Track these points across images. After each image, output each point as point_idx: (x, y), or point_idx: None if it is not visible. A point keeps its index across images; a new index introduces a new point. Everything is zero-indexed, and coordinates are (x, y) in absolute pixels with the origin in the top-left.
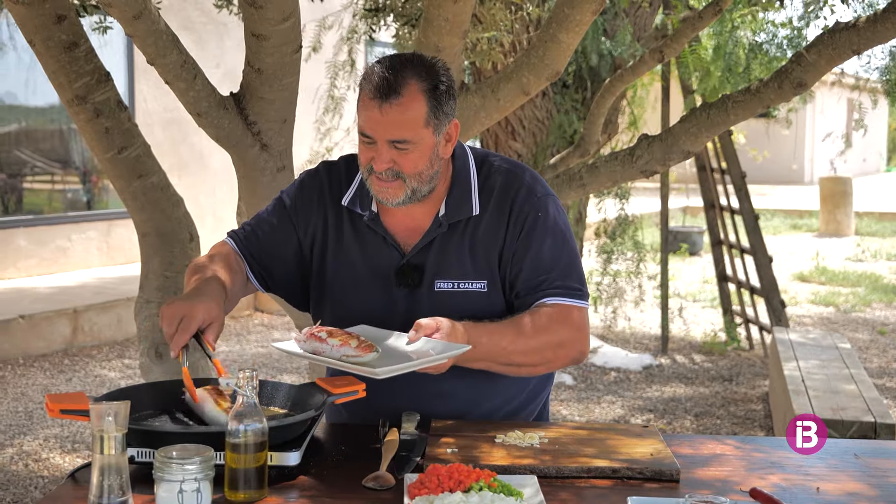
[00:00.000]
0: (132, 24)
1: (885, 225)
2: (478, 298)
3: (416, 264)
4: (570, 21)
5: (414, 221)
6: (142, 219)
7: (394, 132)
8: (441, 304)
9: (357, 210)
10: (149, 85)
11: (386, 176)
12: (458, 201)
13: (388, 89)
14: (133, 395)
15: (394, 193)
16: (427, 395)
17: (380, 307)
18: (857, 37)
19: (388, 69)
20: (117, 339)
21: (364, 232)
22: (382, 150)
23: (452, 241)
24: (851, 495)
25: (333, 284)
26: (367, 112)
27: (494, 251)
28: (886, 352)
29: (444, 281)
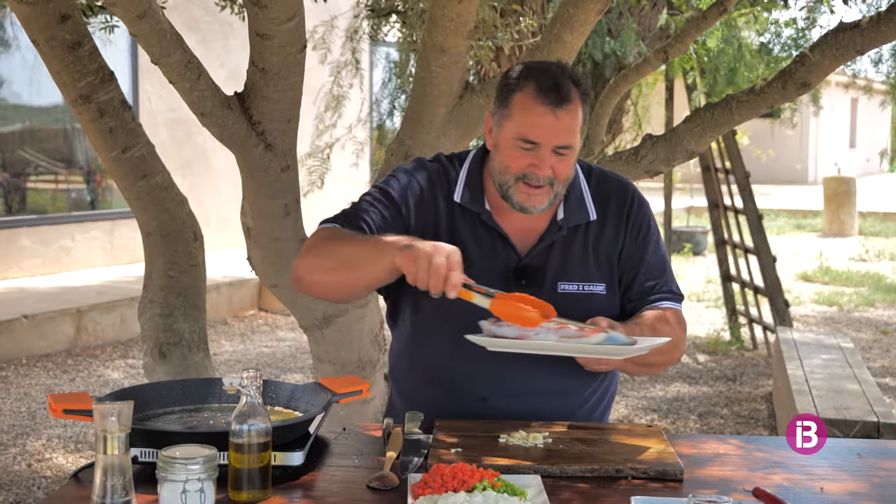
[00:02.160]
0: (136, 23)
1: (888, 225)
2: (600, 301)
3: (537, 265)
4: (575, 21)
5: (528, 223)
6: (145, 219)
7: (564, 138)
8: (565, 305)
9: (470, 207)
10: (153, 84)
11: (542, 182)
12: (576, 206)
13: (562, 96)
14: (137, 395)
15: (540, 200)
16: (548, 392)
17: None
18: (860, 37)
19: (555, 75)
20: (121, 339)
21: (478, 228)
22: (546, 157)
23: (574, 244)
24: (854, 495)
25: None
26: (536, 118)
27: (614, 256)
28: (889, 351)
29: (568, 283)
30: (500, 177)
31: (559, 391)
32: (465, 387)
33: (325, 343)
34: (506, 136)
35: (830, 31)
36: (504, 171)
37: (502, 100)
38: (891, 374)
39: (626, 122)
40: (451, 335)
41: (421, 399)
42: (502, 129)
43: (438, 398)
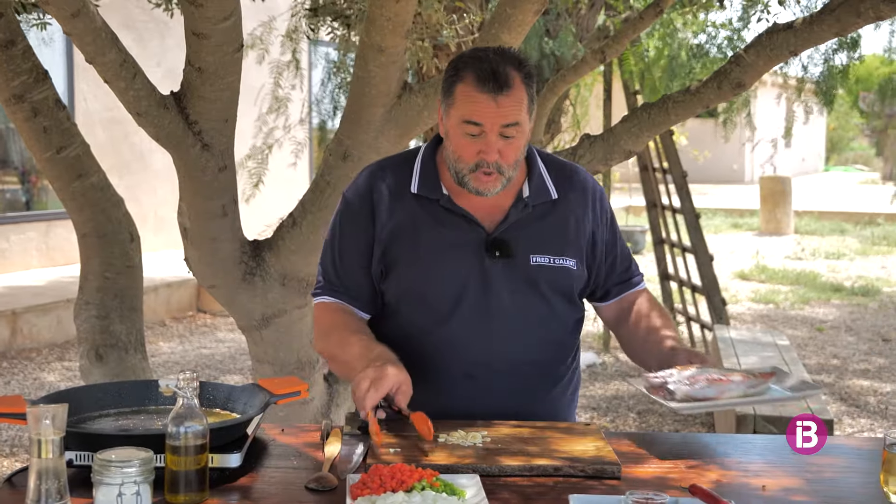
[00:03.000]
0: (70, 22)
1: (823, 224)
2: (570, 275)
3: (507, 238)
4: (513, 21)
5: (491, 202)
6: (81, 219)
7: (507, 118)
8: (539, 277)
9: (428, 195)
10: (89, 84)
11: (491, 168)
12: (539, 185)
13: (502, 81)
14: (72, 397)
15: (494, 185)
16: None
17: (475, 278)
18: (794, 38)
19: (493, 62)
20: (57, 341)
21: (440, 213)
22: (492, 141)
23: (541, 220)
24: (789, 490)
25: (414, 263)
26: (477, 106)
27: (582, 238)
28: (824, 348)
29: (540, 255)
30: (454, 165)
31: (542, 365)
32: (452, 364)
33: (264, 344)
34: (453, 123)
35: (764, 32)
36: (458, 160)
37: (446, 90)
38: (826, 371)
39: (564, 122)
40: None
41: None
42: (449, 118)
43: (425, 382)
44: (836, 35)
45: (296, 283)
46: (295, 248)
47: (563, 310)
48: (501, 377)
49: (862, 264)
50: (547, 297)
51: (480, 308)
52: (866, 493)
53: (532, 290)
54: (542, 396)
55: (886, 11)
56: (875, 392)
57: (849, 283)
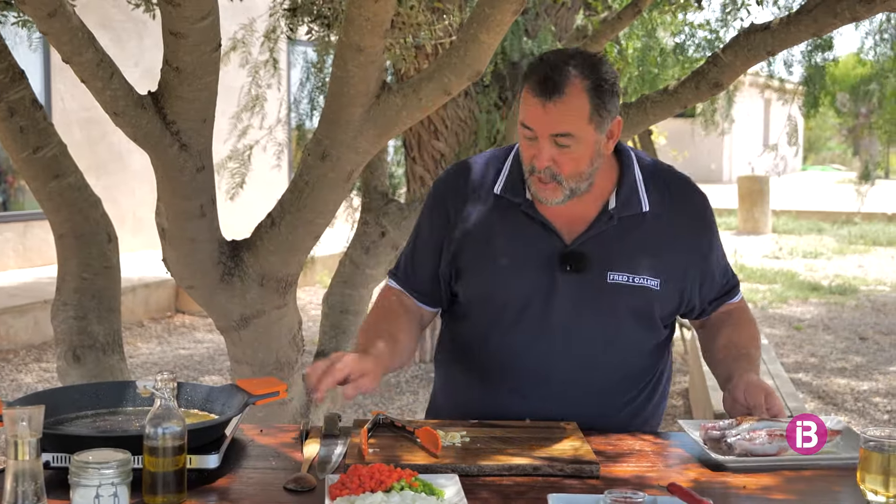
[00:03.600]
0: (46, 21)
1: (801, 223)
2: (651, 295)
3: (584, 252)
4: (491, 21)
5: (574, 212)
6: (58, 220)
7: (556, 126)
8: (614, 296)
9: (511, 198)
10: (66, 84)
11: (545, 176)
12: (628, 196)
13: (551, 88)
14: (49, 399)
15: (552, 194)
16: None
17: (542, 290)
18: (771, 38)
19: (551, 67)
20: (34, 342)
21: (520, 217)
22: (544, 147)
23: (626, 234)
24: (766, 489)
25: (484, 268)
26: (529, 108)
27: (677, 252)
28: (802, 347)
29: (618, 273)
30: (524, 168)
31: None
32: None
33: (243, 344)
34: (519, 127)
35: (742, 32)
36: (523, 163)
37: (519, 93)
38: (803, 370)
39: None
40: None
41: (464, 391)
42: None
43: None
44: (812, 35)
45: (274, 284)
46: (273, 249)
47: (637, 333)
48: (554, 396)
49: (839, 263)
50: (619, 318)
51: (542, 322)
52: (844, 491)
53: (603, 309)
54: (597, 421)
55: (862, 12)
56: (852, 390)
57: (826, 282)
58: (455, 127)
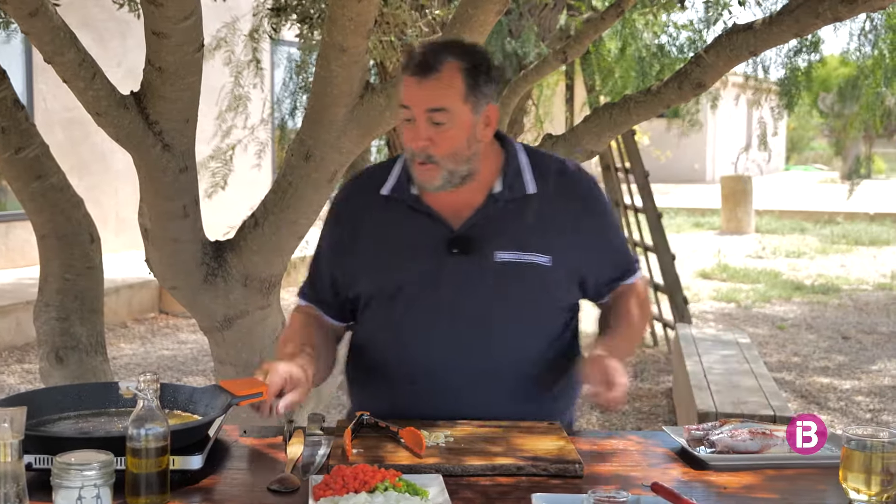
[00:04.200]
0: (28, 21)
1: (784, 223)
2: (541, 272)
3: (471, 235)
4: (474, 21)
5: (461, 200)
6: (40, 221)
7: (431, 101)
8: (504, 275)
9: (397, 197)
10: (48, 84)
11: (421, 157)
12: (514, 180)
13: (426, 66)
14: (31, 400)
15: (430, 177)
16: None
17: (431, 277)
18: (753, 38)
19: (427, 50)
20: (17, 343)
21: (408, 214)
22: (420, 125)
23: (514, 216)
24: (749, 488)
25: (374, 260)
26: (406, 88)
27: (566, 233)
28: (785, 346)
29: (505, 252)
30: (406, 158)
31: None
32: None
33: (226, 345)
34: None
35: (724, 32)
36: (405, 152)
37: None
38: (787, 369)
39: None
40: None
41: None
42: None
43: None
44: (795, 36)
45: (258, 284)
46: (257, 249)
47: (533, 314)
48: (459, 381)
49: (822, 263)
50: (510, 298)
51: (438, 308)
52: (827, 490)
53: (494, 289)
54: (500, 403)
55: (844, 12)
56: (835, 389)
57: (809, 282)
58: None
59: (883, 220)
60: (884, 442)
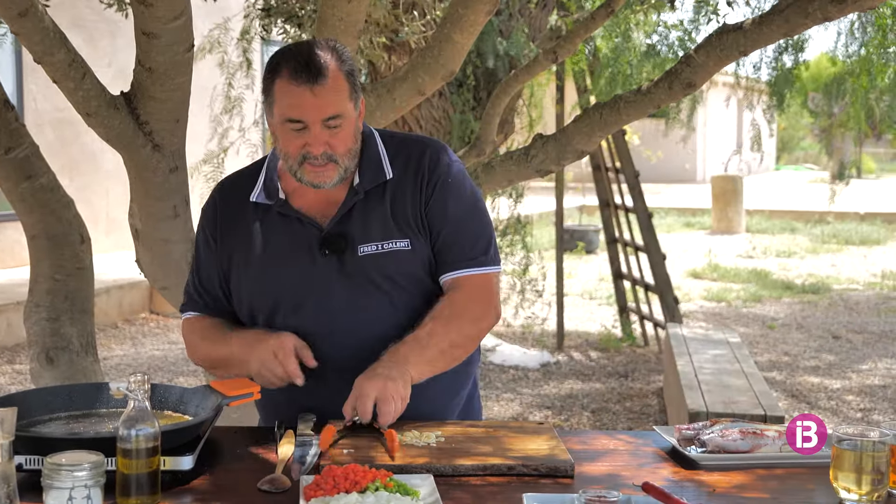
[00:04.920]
0: (17, 21)
1: (774, 222)
2: (403, 257)
3: (339, 232)
4: (465, 21)
5: (326, 196)
6: (31, 221)
7: (328, 109)
8: (369, 267)
9: (265, 201)
10: (38, 84)
11: (321, 160)
12: (371, 169)
13: (315, 72)
14: (22, 401)
15: (328, 176)
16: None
17: (306, 277)
18: (743, 38)
19: (305, 56)
20: (7, 344)
21: (277, 219)
22: (317, 133)
23: (372, 206)
24: (739, 487)
25: (250, 268)
26: (294, 98)
27: (416, 212)
28: (775, 346)
29: (367, 245)
30: (285, 162)
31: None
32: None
33: None
34: (276, 121)
35: (714, 32)
36: (286, 157)
37: (266, 88)
38: (777, 368)
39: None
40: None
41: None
42: (273, 116)
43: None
44: (784, 35)
45: None
46: None
47: (406, 296)
48: (348, 380)
49: (812, 262)
50: (383, 288)
51: (319, 309)
52: (817, 489)
53: (365, 283)
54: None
55: (834, 12)
56: (825, 389)
57: (799, 281)
58: (429, 127)
59: (873, 219)
60: (874, 441)
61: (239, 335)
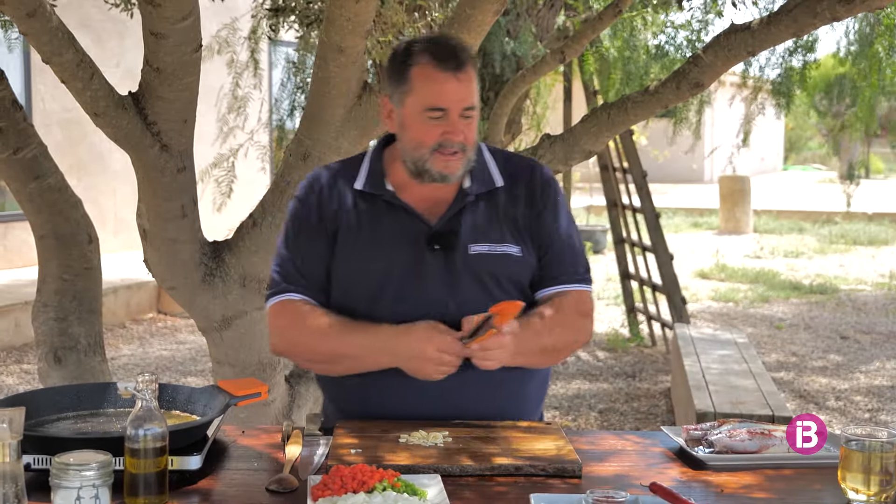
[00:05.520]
0: (26, 21)
1: (781, 223)
2: (513, 262)
3: (448, 230)
4: (472, 21)
5: (434, 195)
6: (39, 221)
7: (469, 99)
8: (478, 266)
9: (371, 191)
10: (46, 84)
11: (456, 148)
12: (481, 175)
13: (460, 60)
14: (30, 400)
15: (456, 166)
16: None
17: (412, 270)
18: (751, 38)
19: (447, 45)
20: (15, 344)
21: (382, 209)
22: (457, 121)
23: (484, 209)
24: (747, 488)
25: (354, 255)
26: (440, 85)
27: (526, 224)
28: (783, 346)
29: (479, 244)
30: (413, 153)
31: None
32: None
33: (225, 345)
34: (411, 111)
35: (722, 32)
36: (418, 147)
37: (398, 78)
38: (784, 369)
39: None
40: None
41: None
42: (405, 105)
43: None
44: (793, 36)
45: (256, 284)
46: (255, 249)
47: (509, 299)
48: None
49: (820, 263)
50: (489, 288)
51: (419, 302)
52: (825, 490)
53: (472, 281)
54: (484, 396)
55: (842, 12)
56: (833, 389)
57: (807, 282)
58: None
59: (881, 219)
60: (882, 442)
61: (384, 326)
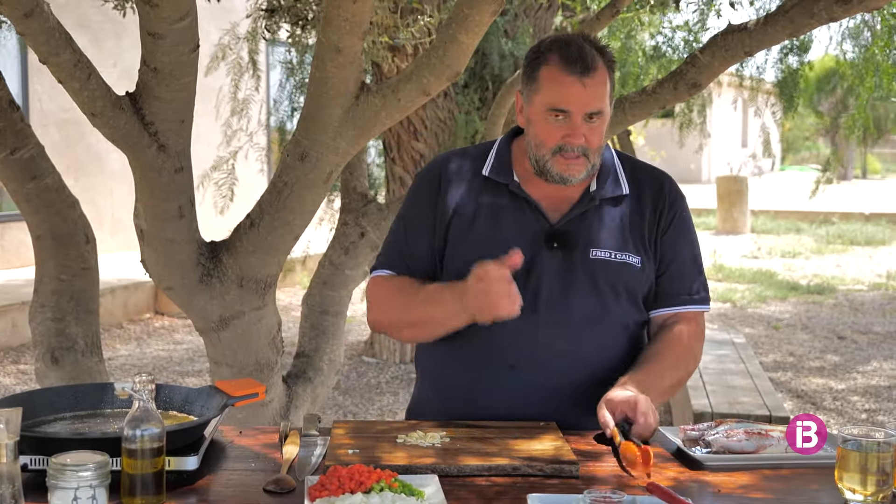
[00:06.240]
0: (23, 21)
1: (779, 223)
2: (632, 272)
3: (568, 230)
4: (470, 21)
5: (559, 192)
6: (36, 221)
7: (594, 104)
8: (596, 270)
9: (498, 179)
10: (43, 84)
11: (577, 152)
12: (608, 180)
13: (587, 65)
14: (27, 401)
15: (578, 170)
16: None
17: (526, 265)
18: (748, 38)
19: (577, 46)
20: (12, 344)
21: (507, 198)
22: (578, 125)
23: (607, 215)
24: (744, 488)
25: (468, 244)
26: (565, 88)
27: (649, 236)
28: (780, 346)
29: (600, 250)
30: (536, 151)
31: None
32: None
33: (222, 346)
34: (536, 109)
35: (719, 33)
36: (540, 145)
37: (529, 75)
38: (782, 369)
39: None
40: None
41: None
42: (532, 103)
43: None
44: (790, 36)
45: (253, 285)
46: (253, 250)
47: (622, 310)
48: (544, 372)
49: (817, 263)
50: (603, 294)
51: (529, 298)
52: (822, 490)
53: (587, 285)
54: (586, 398)
55: (839, 12)
56: (830, 389)
57: (805, 282)
58: (434, 127)
59: (878, 220)
60: (879, 442)
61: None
